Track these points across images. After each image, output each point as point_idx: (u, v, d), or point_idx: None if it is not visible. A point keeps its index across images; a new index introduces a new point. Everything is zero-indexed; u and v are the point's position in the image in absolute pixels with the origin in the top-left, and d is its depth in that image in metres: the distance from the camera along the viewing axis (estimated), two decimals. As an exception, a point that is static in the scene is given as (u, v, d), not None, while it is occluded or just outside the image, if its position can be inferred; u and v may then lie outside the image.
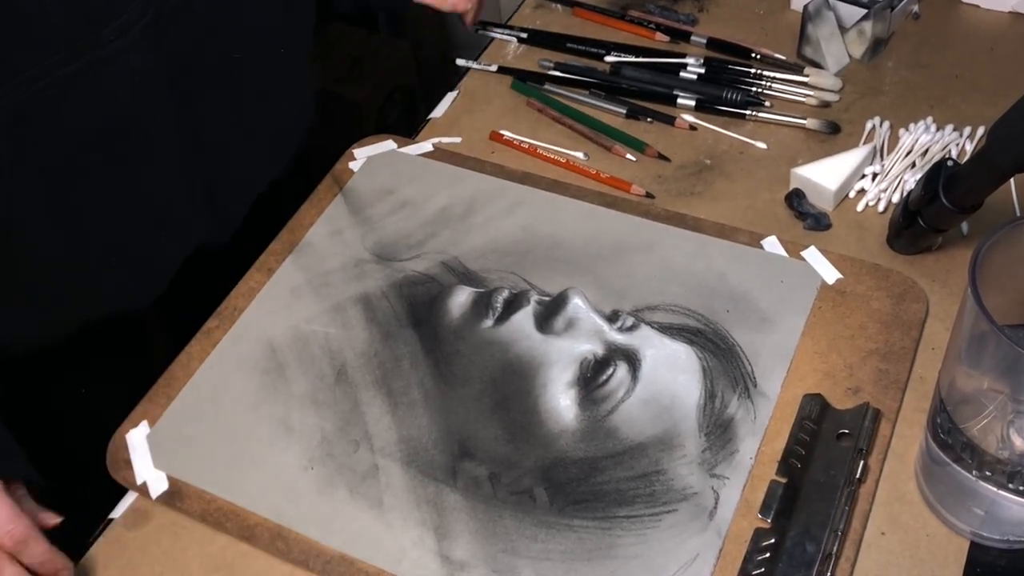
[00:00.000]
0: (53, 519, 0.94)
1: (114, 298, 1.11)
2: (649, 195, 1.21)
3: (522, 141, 1.30)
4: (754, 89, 1.32)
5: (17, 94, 0.92)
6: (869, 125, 1.25)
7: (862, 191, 1.18)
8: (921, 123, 1.23)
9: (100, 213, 1.03)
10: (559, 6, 1.51)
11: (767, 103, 1.30)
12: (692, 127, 1.29)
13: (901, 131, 1.23)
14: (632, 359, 1.03)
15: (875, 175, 1.18)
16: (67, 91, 0.95)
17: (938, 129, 1.22)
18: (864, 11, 1.30)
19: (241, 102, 1.15)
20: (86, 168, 0.99)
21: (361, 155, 1.31)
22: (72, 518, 0.96)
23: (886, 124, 1.24)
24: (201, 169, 1.12)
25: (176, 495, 1.00)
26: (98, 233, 1.05)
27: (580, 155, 1.27)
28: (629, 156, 1.26)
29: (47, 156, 0.96)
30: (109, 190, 1.02)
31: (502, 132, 1.32)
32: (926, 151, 1.20)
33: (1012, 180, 1.12)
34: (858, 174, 1.18)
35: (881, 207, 1.16)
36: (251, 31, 1.13)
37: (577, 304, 1.07)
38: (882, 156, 1.21)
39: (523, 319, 1.07)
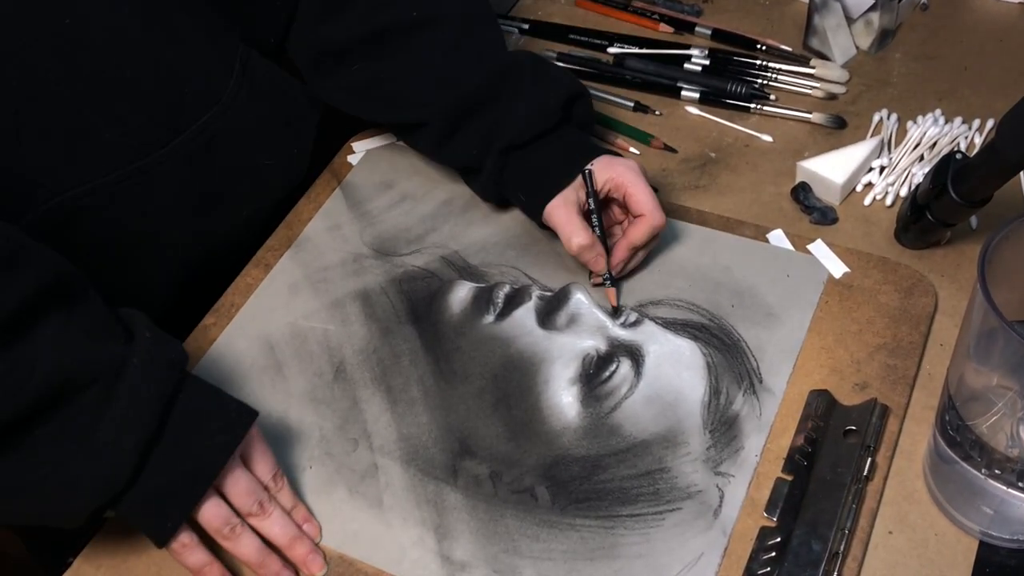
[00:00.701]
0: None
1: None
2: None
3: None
4: (759, 81, 1.31)
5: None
6: (876, 117, 1.24)
7: (869, 185, 1.17)
8: (929, 116, 1.22)
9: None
10: (561, -3, 1.51)
11: (773, 96, 1.29)
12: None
13: (909, 124, 1.23)
14: (635, 355, 1.03)
15: (882, 168, 1.18)
16: (108, 205, 1.01)
17: (947, 122, 1.22)
18: (871, 1, 1.30)
19: (256, 193, 1.20)
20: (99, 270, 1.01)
21: (360, 148, 1.31)
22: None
23: (894, 117, 1.24)
24: (204, 247, 1.16)
25: (172, 494, 1.00)
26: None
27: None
28: (633, 150, 1.26)
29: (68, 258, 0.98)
30: (117, 289, 1.03)
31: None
32: (934, 144, 1.20)
33: (1022, 173, 1.12)
34: (865, 167, 1.17)
35: (889, 201, 1.15)
36: (275, 141, 1.19)
37: (579, 299, 1.07)
38: (889, 149, 1.21)
39: (524, 315, 1.07)
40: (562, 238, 1.07)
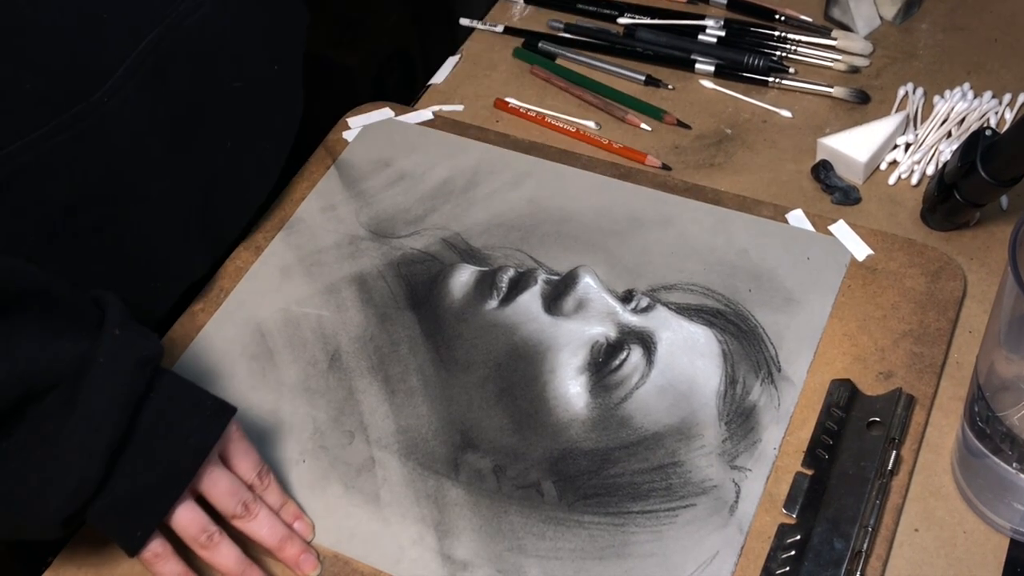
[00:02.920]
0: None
1: None
2: (665, 167, 1.20)
3: (528, 109, 1.29)
4: (778, 54, 1.31)
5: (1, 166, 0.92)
6: (901, 92, 1.24)
7: (894, 163, 1.17)
8: (957, 90, 1.22)
9: (86, 267, 1.02)
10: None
11: (792, 69, 1.29)
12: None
13: (936, 98, 1.22)
14: (647, 342, 1.02)
15: (908, 146, 1.17)
16: (55, 159, 0.95)
17: (976, 96, 1.21)
18: (896, -32, 1.30)
19: (235, 127, 1.14)
20: (74, 231, 0.99)
21: (356, 124, 1.30)
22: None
23: (920, 91, 1.23)
24: (193, 203, 1.11)
25: (158, 489, 1.00)
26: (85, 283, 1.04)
27: (591, 124, 1.27)
28: (644, 126, 1.25)
29: (34, 223, 0.96)
30: (98, 247, 1.01)
31: (507, 100, 1.31)
32: (963, 120, 1.19)
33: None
34: (890, 144, 1.17)
35: (914, 180, 1.15)
36: (243, 57, 1.13)
37: (588, 283, 1.07)
38: (915, 125, 1.20)
39: (530, 300, 1.07)
40: None
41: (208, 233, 1.13)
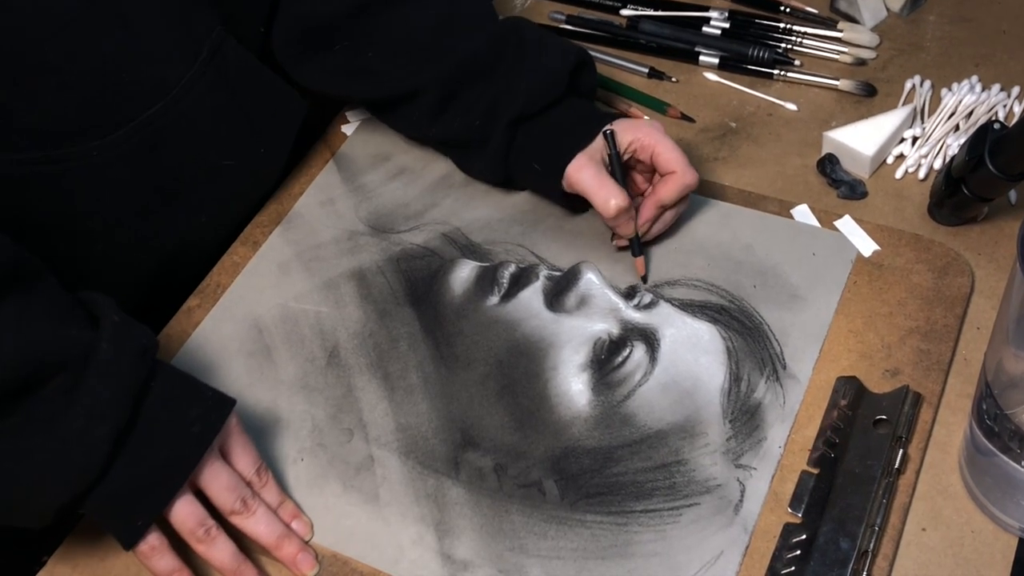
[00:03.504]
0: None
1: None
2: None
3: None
4: (783, 46, 1.31)
5: None
6: (908, 85, 1.24)
7: (901, 156, 1.17)
8: (965, 82, 1.22)
9: None
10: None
11: (797, 61, 1.29)
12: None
13: (943, 91, 1.22)
14: (650, 339, 1.02)
15: (915, 139, 1.17)
16: (26, 187, 0.98)
17: (983, 89, 1.21)
18: (903, -41, 1.29)
19: (213, 202, 1.15)
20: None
21: (355, 118, 1.30)
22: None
23: (927, 84, 1.23)
24: (147, 275, 1.14)
25: (154, 488, 1.00)
26: None
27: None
28: (647, 119, 1.25)
29: None
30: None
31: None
32: (971, 113, 1.19)
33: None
34: (897, 138, 1.17)
35: (922, 174, 1.15)
36: (232, 139, 1.13)
37: (590, 279, 1.06)
38: (923, 118, 1.20)
39: (531, 296, 1.07)
40: (597, 201, 1.05)
41: (154, 291, 1.15)
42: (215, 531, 0.91)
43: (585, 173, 1.06)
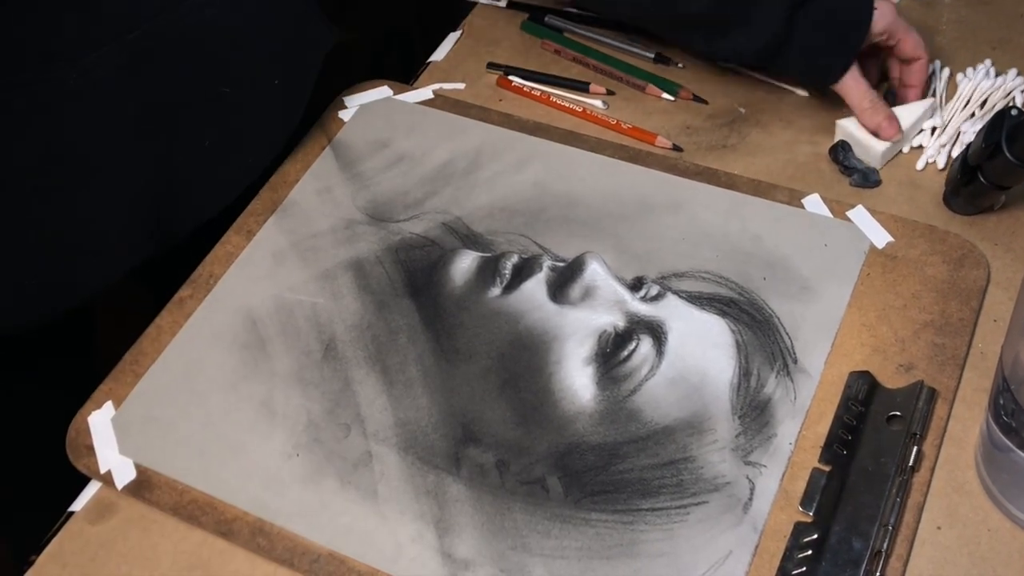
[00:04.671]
0: None
1: (40, 304, 1.09)
2: (676, 148, 1.20)
3: (533, 88, 1.29)
4: (794, 29, 1.30)
5: None
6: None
7: (919, 147, 1.16)
8: (981, 67, 1.22)
9: (20, 232, 1.03)
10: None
11: (808, 44, 1.29)
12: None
13: (959, 76, 1.22)
14: (657, 332, 1.02)
15: (934, 129, 1.17)
16: (10, 114, 0.97)
17: (999, 74, 1.21)
18: (918, -60, 1.29)
19: (217, 131, 1.14)
20: (17, 190, 0.99)
21: (352, 103, 1.30)
22: (27, 510, 0.95)
23: (945, 71, 1.23)
24: (147, 191, 1.11)
25: (144, 485, 1.00)
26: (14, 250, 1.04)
27: (599, 103, 1.26)
28: (666, 96, 1.25)
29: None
30: (36, 215, 1.02)
31: (511, 78, 1.30)
32: (987, 99, 1.19)
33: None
34: (915, 130, 1.16)
35: (941, 163, 1.14)
36: (242, 65, 1.13)
37: (595, 270, 1.06)
38: (941, 106, 1.20)
39: (534, 287, 1.07)
40: (867, 123, 1.16)
41: (159, 225, 1.13)
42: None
43: (858, 89, 1.17)
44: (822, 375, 0.98)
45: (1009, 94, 1.19)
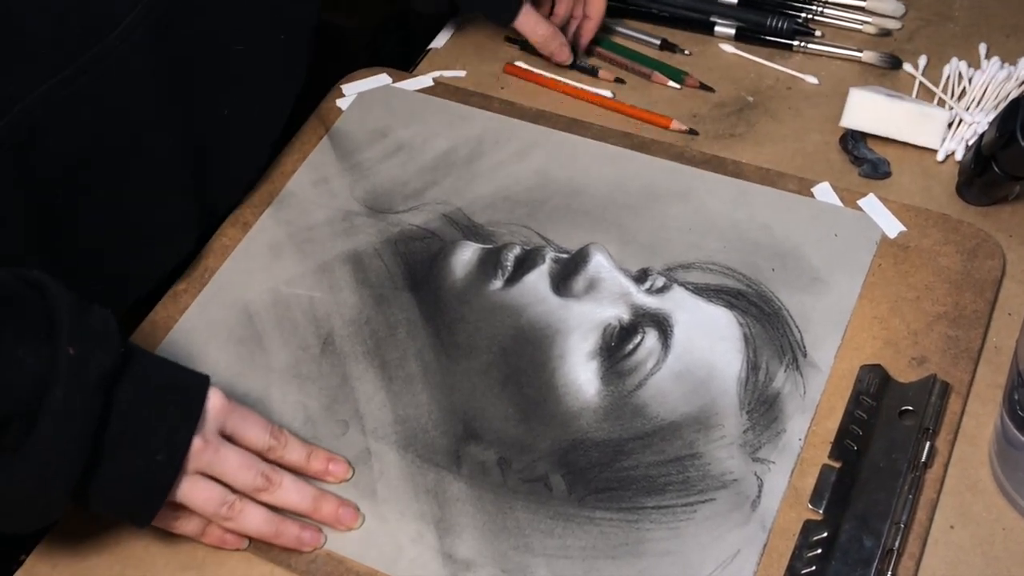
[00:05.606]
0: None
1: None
2: (692, 131, 1.20)
3: (541, 73, 1.29)
4: (803, 15, 1.30)
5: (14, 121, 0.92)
6: (946, 72, 1.22)
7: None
8: (995, 56, 1.21)
9: (84, 228, 1.02)
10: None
11: (818, 32, 1.28)
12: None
13: (976, 72, 1.21)
14: (663, 325, 1.02)
15: (949, 124, 1.16)
16: (72, 108, 0.95)
17: (1011, 64, 1.21)
18: (931, -77, 1.29)
19: (236, 92, 1.14)
20: (74, 186, 0.99)
21: (351, 91, 1.30)
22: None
23: (963, 64, 1.22)
24: (187, 166, 1.11)
25: (139, 483, 0.99)
26: (78, 248, 1.03)
27: (607, 93, 1.26)
28: (672, 84, 1.25)
29: (39, 179, 0.96)
30: (95, 204, 1.02)
31: (518, 63, 1.30)
32: (1000, 87, 1.19)
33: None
34: (948, 134, 1.16)
35: (959, 155, 1.14)
36: (250, 21, 1.13)
37: (599, 262, 1.06)
38: (953, 93, 1.20)
39: (537, 280, 1.06)
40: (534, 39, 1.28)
41: (198, 204, 1.13)
42: (239, 503, 0.90)
43: (532, 21, 1.27)
44: (832, 369, 0.98)
45: (1023, 83, 1.18)
